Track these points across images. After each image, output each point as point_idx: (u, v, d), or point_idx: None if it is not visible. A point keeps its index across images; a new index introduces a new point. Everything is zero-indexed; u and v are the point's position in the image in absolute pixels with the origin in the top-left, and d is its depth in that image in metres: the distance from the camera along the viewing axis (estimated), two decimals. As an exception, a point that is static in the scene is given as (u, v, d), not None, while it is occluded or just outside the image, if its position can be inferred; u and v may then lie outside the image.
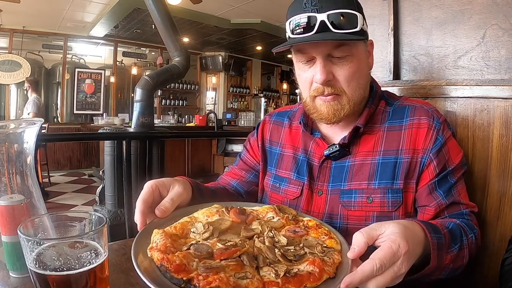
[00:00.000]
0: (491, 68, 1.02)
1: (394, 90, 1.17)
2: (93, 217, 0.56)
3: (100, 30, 7.07)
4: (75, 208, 4.51)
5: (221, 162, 6.26)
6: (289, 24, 0.80)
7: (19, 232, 0.49)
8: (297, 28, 0.78)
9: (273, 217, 0.73)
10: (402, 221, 0.64)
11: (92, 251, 0.51)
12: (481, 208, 0.93)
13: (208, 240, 0.62)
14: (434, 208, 0.79)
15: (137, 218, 0.69)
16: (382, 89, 0.94)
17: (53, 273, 0.48)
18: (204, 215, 0.71)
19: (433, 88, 1.10)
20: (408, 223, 0.64)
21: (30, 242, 0.48)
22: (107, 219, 0.54)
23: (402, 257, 0.56)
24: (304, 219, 0.73)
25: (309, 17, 0.76)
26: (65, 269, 0.48)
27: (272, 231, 0.65)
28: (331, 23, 0.75)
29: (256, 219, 0.72)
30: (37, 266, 0.48)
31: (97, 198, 3.22)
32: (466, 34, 1.07)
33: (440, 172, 0.80)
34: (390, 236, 0.58)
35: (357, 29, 0.76)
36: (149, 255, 0.57)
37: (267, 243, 0.61)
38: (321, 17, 0.75)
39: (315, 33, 0.76)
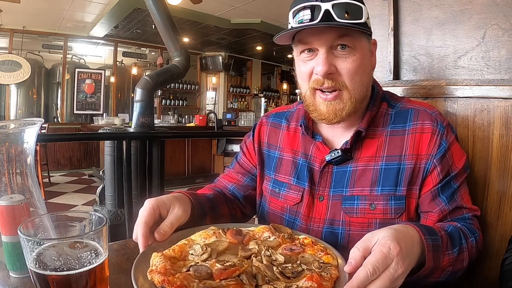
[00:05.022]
0: (491, 68, 1.02)
1: (394, 90, 1.17)
2: (93, 217, 0.56)
3: (100, 30, 7.07)
4: (75, 208, 4.51)
5: (221, 162, 6.27)
6: (292, 13, 0.78)
7: (19, 232, 0.49)
8: (301, 17, 0.76)
9: (269, 237, 0.72)
10: (394, 225, 0.63)
11: (92, 251, 0.51)
12: (481, 209, 0.92)
13: (207, 262, 0.62)
14: (437, 214, 0.78)
15: (140, 241, 0.68)
16: (384, 89, 0.93)
17: (53, 273, 0.48)
18: (202, 237, 0.71)
19: (433, 88, 1.10)
20: (400, 227, 0.63)
21: (30, 242, 0.48)
22: (107, 219, 0.54)
23: (396, 258, 0.56)
24: (300, 237, 0.73)
25: (313, 6, 0.74)
26: (65, 269, 0.48)
27: (269, 250, 0.65)
28: (336, 13, 0.73)
29: (253, 239, 0.72)
30: (37, 266, 0.48)
31: (97, 198, 3.22)
32: (466, 34, 1.07)
33: (443, 178, 0.79)
34: (380, 241, 0.58)
35: (362, 20, 0.76)
36: (149, 278, 0.57)
37: (264, 262, 0.62)
38: (326, 6, 0.73)
39: (319, 22, 0.74)
